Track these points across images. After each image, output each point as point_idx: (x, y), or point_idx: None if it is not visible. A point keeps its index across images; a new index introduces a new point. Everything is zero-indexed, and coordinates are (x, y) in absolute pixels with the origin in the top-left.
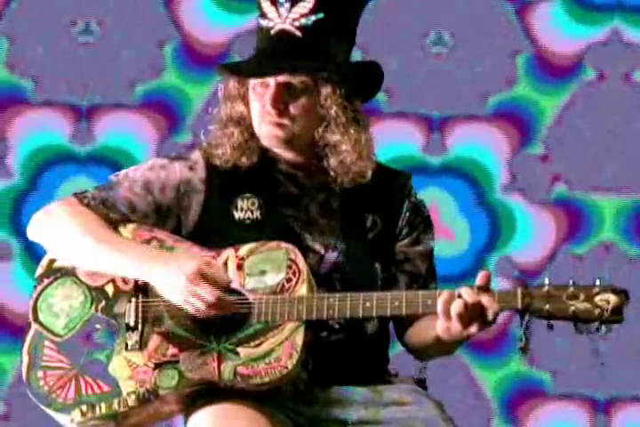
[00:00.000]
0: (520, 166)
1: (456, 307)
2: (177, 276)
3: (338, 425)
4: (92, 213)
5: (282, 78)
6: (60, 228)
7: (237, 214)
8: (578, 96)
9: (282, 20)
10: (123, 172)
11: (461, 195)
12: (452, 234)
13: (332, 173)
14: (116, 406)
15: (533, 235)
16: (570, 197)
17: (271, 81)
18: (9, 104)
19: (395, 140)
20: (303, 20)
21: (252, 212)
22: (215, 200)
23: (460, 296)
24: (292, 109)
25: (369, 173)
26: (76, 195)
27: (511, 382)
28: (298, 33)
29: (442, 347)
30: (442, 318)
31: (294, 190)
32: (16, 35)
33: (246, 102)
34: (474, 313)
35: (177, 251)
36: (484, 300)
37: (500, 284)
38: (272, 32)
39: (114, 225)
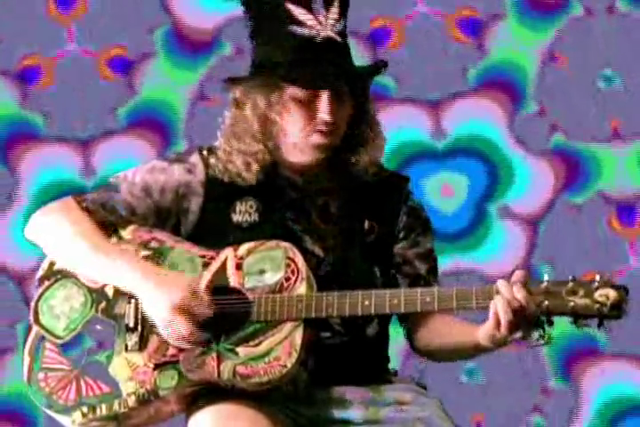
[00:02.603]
0: (522, 128)
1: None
2: (160, 302)
3: (338, 425)
4: (89, 217)
5: (336, 87)
6: (54, 231)
7: (236, 217)
8: (565, 33)
9: (323, 26)
10: (122, 174)
11: (475, 173)
12: (451, 190)
13: (361, 169)
14: (116, 406)
15: (532, 184)
16: (568, 146)
17: (324, 91)
18: (20, 139)
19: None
20: (338, 26)
21: (250, 215)
22: (214, 203)
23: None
24: (339, 115)
25: (384, 170)
26: (74, 197)
27: (566, 341)
28: (339, 38)
29: (471, 353)
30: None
31: (293, 194)
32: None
33: (283, 114)
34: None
35: (173, 255)
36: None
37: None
38: (318, 40)
39: (112, 228)
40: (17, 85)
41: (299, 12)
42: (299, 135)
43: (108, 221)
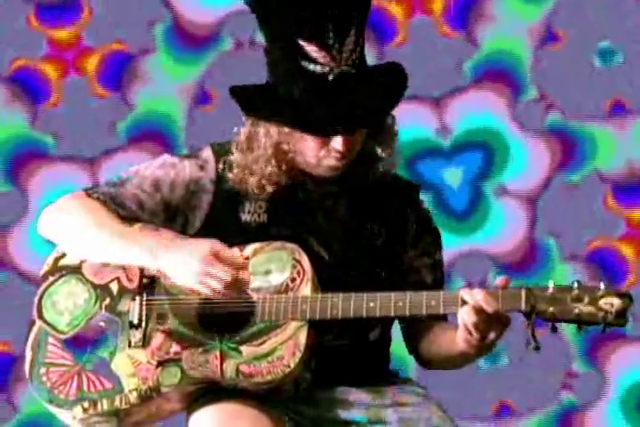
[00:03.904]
0: (524, 115)
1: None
2: (191, 259)
3: (340, 426)
4: (103, 206)
5: None
6: (73, 220)
7: (244, 217)
8: (560, 5)
9: (337, 62)
10: (133, 169)
11: (474, 159)
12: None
13: (371, 179)
14: (117, 402)
15: (528, 163)
16: (564, 125)
17: None
18: (30, 159)
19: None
20: (354, 56)
21: (258, 215)
22: (223, 201)
23: (464, 302)
24: (353, 140)
25: (395, 176)
26: (85, 190)
27: None
28: (353, 70)
29: (461, 361)
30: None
31: (301, 196)
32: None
33: (297, 139)
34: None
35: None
36: (481, 299)
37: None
38: (330, 77)
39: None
40: (26, 105)
41: (311, 49)
42: (312, 159)
43: (117, 214)
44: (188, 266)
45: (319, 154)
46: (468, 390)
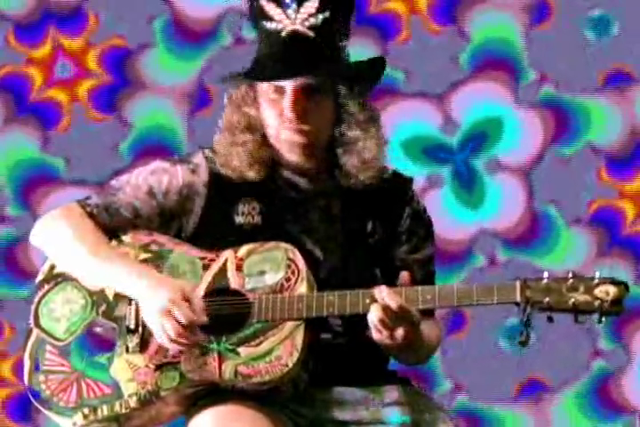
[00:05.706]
0: (528, 99)
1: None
2: (152, 303)
3: (339, 426)
4: (92, 222)
5: (299, 81)
6: (55, 236)
7: (238, 219)
8: None
9: (291, 21)
10: (125, 176)
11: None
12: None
13: (352, 172)
14: (117, 408)
15: (521, 137)
16: (557, 97)
17: (287, 86)
18: (41, 183)
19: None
20: (312, 20)
21: (252, 217)
22: (216, 204)
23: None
24: (312, 113)
25: (388, 171)
26: (79, 202)
27: None
28: (310, 33)
29: (402, 358)
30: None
31: (295, 196)
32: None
33: (257, 107)
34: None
35: (174, 258)
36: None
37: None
38: (283, 34)
39: (114, 229)
40: (37, 130)
41: (269, 8)
42: (272, 129)
43: (112, 224)
44: (149, 308)
45: (275, 123)
46: (495, 372)
